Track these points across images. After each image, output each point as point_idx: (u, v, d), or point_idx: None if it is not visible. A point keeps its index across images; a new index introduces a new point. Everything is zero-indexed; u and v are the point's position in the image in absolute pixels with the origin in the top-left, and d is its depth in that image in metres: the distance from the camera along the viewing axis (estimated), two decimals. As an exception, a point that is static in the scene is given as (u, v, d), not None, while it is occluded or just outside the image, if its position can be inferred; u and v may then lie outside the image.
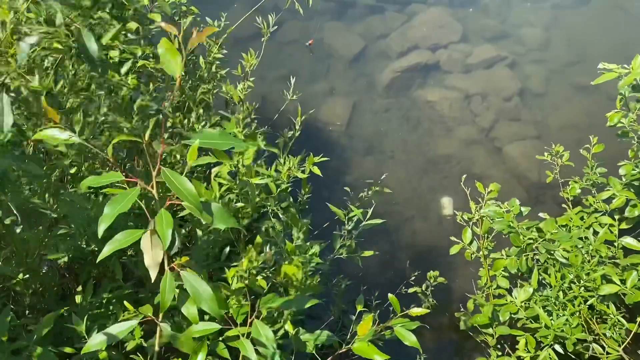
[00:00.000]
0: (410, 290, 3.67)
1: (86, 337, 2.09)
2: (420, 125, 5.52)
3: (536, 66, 6.07)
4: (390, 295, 2.14)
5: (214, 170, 2.57)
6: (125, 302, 1.68)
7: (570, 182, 3.57)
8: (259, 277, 2.09)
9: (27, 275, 2.23)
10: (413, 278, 3.86)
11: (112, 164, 2.55)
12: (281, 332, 2.27)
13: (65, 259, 2.15)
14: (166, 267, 1.56)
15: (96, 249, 2.22)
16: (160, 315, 1.67)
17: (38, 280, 2.25)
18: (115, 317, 2.31)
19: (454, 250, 3.16)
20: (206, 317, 1.83)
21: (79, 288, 2.27)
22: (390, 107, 5.69)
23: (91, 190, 2.49)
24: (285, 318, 2.26)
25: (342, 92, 5.80)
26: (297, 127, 2.94)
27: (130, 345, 2.04)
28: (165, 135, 2.75)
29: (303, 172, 2.82)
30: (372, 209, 2.90)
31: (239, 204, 2.56)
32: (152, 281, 1.46)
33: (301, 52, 6.13)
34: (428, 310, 2.07)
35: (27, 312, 2.24)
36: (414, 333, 2.00)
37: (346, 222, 2.87)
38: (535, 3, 6.93)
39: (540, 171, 3.65)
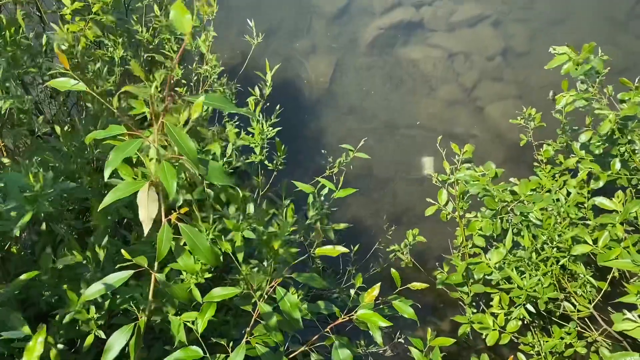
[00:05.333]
0: (389, 249, 3.72)
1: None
2: (403, 84, 5.48)
3: (520, 25, 5.98)
4: (393, 270, 2.17)
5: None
6: (122, 251, 1.68)
7: (544, 144, 3.57)
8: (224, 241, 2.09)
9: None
10: (391, 233, 3.91)
11: (118, 116, 2.50)
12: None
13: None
14: (163, 219, 1.57)
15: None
16: (156, 265, 1.69)
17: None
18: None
19: (429, 211, 3.17)
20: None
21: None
22: (373, 65, 5.62)
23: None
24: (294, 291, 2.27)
25: (325, 49, 5.71)
26: (268, 84, 2.80)
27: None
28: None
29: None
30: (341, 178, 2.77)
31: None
32: (144, 235, 1.47)
33: (284, 6, 6.00)
34: (427, 285, 2.09)
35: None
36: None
37: (316, 198, 2.74)
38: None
39: (521, 131, 3.65)
